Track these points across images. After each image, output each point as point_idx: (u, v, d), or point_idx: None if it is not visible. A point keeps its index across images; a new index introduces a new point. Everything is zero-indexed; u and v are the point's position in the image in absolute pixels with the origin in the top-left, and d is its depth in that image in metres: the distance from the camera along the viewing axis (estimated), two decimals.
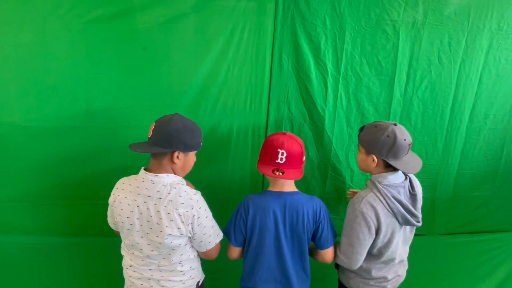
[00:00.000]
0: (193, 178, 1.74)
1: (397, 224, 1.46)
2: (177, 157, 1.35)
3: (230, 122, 1.90)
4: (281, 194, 1.51)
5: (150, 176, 1.34)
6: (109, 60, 1.71)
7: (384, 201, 1.42)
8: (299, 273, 1.57)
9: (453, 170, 2.14)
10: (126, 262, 1.49)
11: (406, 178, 1.52)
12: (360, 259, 1.45)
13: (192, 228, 1.35)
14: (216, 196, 1.89)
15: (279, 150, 1.47)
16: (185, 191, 1.34)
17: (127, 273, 1.49)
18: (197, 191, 1.40)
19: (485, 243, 2.31)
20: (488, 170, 2.17)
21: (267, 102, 1.90)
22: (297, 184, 1.89)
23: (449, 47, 1.90)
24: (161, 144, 1.31)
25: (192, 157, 1.41)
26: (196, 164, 1.51)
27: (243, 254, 1.60)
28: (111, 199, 1.43)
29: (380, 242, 1.46)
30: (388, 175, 1.46)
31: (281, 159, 1.46)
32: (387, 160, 1.42)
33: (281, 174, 1.45)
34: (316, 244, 1.57)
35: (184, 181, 1.42)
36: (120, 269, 1.56)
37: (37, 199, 1.89)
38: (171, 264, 1.40)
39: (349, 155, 2.02)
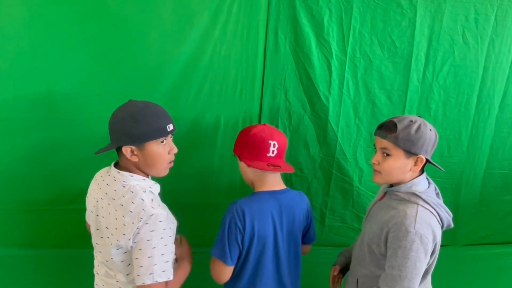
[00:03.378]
0: (172, 179, 1.63)
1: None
2: (132, 152, 1.29)
3: (217, 113, 1.87)
4: (274, 193, 1.52)
5: (114, 171, 1.33)
6: (74, 40, 1.69)
7: (435, 212, 1.37)
8: (293, 281, 1.59)
9: (480, 170, 2.13)
10: (95, 268, 1.49)
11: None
12: None
13: (131, 247, 1.26)
14: (200, 201, 1.96)
15: (270, 141, 1.47)
16: (142, 200, 1.26)
17: (95, 281, 1.50)
18: (164, 208, 1.30)
19: None
20: None
21: (260, 89, 1.88)
22: (296, 186, 2.05)
23: (476, 24, 1.89)
24: (111, 140, 1.31)
25: (152, 149, 1.31)
26: (175, 162, 1.46)
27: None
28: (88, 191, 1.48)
29: (430, 261, 1.41)
30: (420, 181, 1.41)
31: (273, 151, 1.47)
32: (429, 159, 1.40)
33: (279, 168, 1.47)
34: (302, 240, 1.65)
35: (156, 188, 1.36)
36: (88, 286, 1.54)
37: None
38: (128, 282, 1.36)
39: (357, 152, 2.00)
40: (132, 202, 1.26)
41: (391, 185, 1.46)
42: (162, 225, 1.25)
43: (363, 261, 1.50)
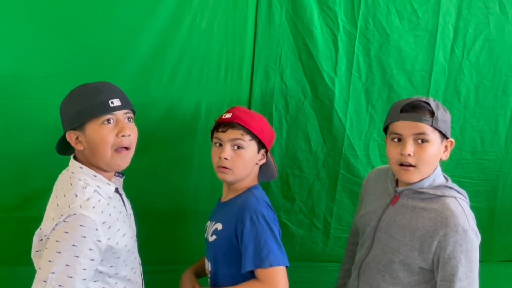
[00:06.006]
0: (142, 180, 1.74)
1: None
2: (77, 138, 1.28)
3: (196, 99, 1.83)
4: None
5: (71, 158, 1.35)
6: (21, 9, 1.63)
7: (468, 201, 1.40)
8: None
9: None
10: None
11: None
12: None
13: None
14: (176, 207, 1.92)
15: None
16: (75, 195, 1.23)
17: None
18: (101, 216, 1.25)
19: None
20: None
21: (250, 69, 1.85)
22: (294, 188, 2.01)
23: None
24: None
25: (93, 130, 1.27)
26: (143, 159, 1.45)
27: None
28: None
29: None
30: (440, 172, 1.41)
31: None
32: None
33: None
34: None
35: (107, 189, 1.33)
36: None
37: None
38: None
39: (369, 146, 1.96)
40: (64, 196, 1.25)
41: (397, 184, 1.45)
42: (82, 231, 1.17)
43: (386, 283, 1.45)
